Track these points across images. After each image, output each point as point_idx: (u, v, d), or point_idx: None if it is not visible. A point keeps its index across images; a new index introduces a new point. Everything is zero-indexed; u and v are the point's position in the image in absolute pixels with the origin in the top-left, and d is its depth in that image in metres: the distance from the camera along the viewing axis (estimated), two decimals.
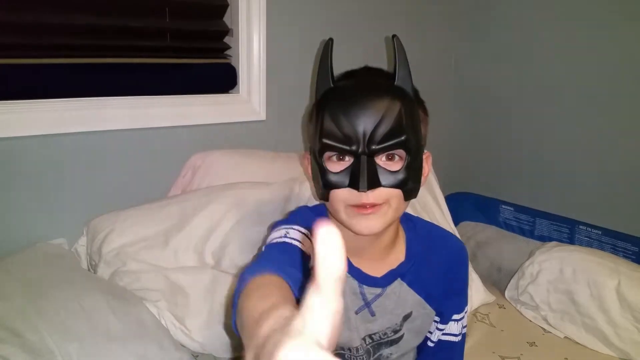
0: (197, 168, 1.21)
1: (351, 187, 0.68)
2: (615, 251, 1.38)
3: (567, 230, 1.49)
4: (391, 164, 0.70)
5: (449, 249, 0.87)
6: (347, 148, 0.68)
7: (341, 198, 0.71)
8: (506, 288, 1.38)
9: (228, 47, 1.29)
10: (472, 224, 1.68)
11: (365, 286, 0.79)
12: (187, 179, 1.22)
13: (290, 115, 1.40)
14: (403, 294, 0.81)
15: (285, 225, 0.74)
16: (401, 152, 0.70)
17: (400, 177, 0.69)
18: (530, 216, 1.58)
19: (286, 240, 0.70)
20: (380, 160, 0.69)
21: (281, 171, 1.24)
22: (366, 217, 0.70)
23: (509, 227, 1.63)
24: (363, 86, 0.70)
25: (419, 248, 0.83)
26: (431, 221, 0.99)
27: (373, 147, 0.67)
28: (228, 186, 1.15)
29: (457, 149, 1.86)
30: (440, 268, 0.84)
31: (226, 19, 1.28)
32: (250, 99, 1.31)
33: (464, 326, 0.90)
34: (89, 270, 1.08)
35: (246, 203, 1.11)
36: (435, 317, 0.87)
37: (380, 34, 1.50)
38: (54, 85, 1.06)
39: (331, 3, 1.42)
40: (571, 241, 1.47)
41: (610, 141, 1.44)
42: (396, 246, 0.82)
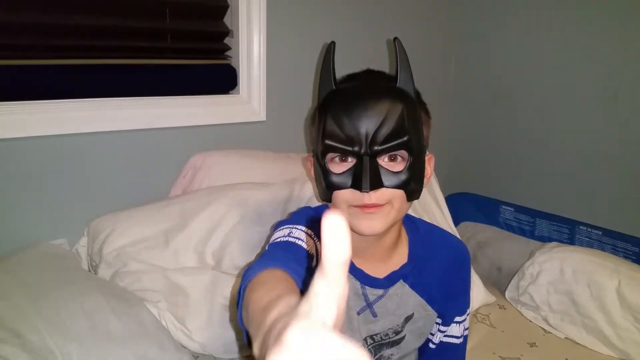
0: (198, 169, 1.21)
1: (354, 188, 0.68)
2: (615, 252, 1.38)
3: (568, 230, 1.49)
4: (393, 165, 0.70)
5: (452, 251, 0.87)
6: (350, 149, 0.68)
7: (344, 199, 0.71)
8: (506, 288, 1.38)
9: (228, 48, 1.29)
10: (472, 225, 1.68)
11: (367, 287, 0.79)
12: (188, 180, 1.22)
13: (290, 115, 1.40)
14: (405, 296, 0.81)
15: (288, 225, 0.74)
16: (403, 153, 0.70)
17: (402, 178, 0.69)
18: (530, 216, 1.58)
19: (290, 239, 0.70)
20: (382, 161, 0.69)
21: (281, 172, 1.24)
22: (369, 218, 0.70)
23: (509, 228, 1.63)
24: (365, 88, 0.71)
25: (422, 250, 0.83)
26: (431, 222, 0.99)
27: (375, 148, 0.67)
28: (228, 187, 1.15)
29: (457, 150, 1.86)
30: (442, 270, 0.84)
31: (226, 20, 1.28)
32: (250, 100, 1.31)
33: (466, 328, 0.90)
34: (90, 271, 1.08)
35: (246, 204, 1.11)
36: (437, 319, 0.87)
37: (380, 35, 1.51)
38: (55, 86, 1.06)
39: (331, 4, 1.42)
40: (571, 241, 1.47)
41: (610, 141, 1.44)
42: (399, 248, 0.82)
